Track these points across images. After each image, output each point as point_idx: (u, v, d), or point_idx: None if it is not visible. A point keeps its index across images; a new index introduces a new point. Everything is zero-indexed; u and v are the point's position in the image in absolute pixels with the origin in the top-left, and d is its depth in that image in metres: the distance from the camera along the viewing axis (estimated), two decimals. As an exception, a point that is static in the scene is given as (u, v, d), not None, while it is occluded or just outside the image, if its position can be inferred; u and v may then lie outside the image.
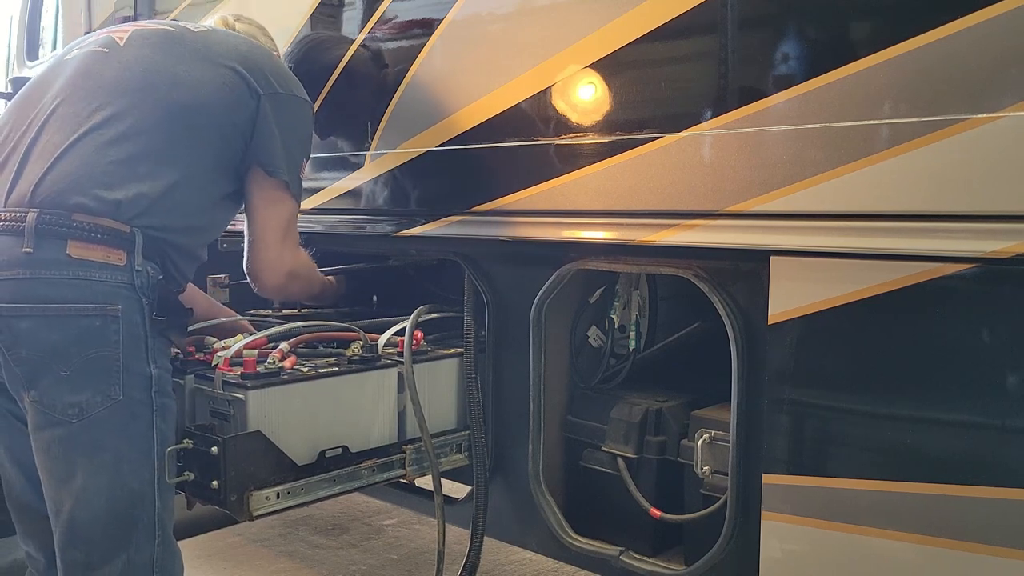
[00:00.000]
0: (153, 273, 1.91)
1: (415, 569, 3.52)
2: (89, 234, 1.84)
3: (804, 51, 1.78)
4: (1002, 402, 1.57)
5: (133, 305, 1.86)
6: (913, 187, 1.59)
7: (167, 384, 1.95)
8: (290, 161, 2.10)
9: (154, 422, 1.88)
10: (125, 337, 1.84)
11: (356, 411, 2.27)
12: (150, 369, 1.88)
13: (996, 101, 1.50)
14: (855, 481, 1.74)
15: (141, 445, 1.87)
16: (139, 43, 2.06)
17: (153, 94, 1.97)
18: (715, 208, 1.86)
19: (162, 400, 1.91)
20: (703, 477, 2.10)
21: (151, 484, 1.88)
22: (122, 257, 1.86)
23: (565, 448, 2.44)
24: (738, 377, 1.95)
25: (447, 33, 2.38)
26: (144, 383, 1.87)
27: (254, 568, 3.57)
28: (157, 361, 1.90)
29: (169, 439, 1.93)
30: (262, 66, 2.11)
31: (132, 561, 1.86)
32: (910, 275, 1.63)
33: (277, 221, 2.12)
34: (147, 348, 1.88)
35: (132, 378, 1.85)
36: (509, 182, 2.24)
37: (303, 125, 2.20)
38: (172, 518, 1.97)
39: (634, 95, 2.03)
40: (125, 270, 1.86)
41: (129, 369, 1.84)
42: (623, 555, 2.24)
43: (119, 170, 1.89)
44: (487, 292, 2.47)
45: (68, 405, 1.80)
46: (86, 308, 1.81)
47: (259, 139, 2.05)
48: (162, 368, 1.92)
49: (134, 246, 1.87)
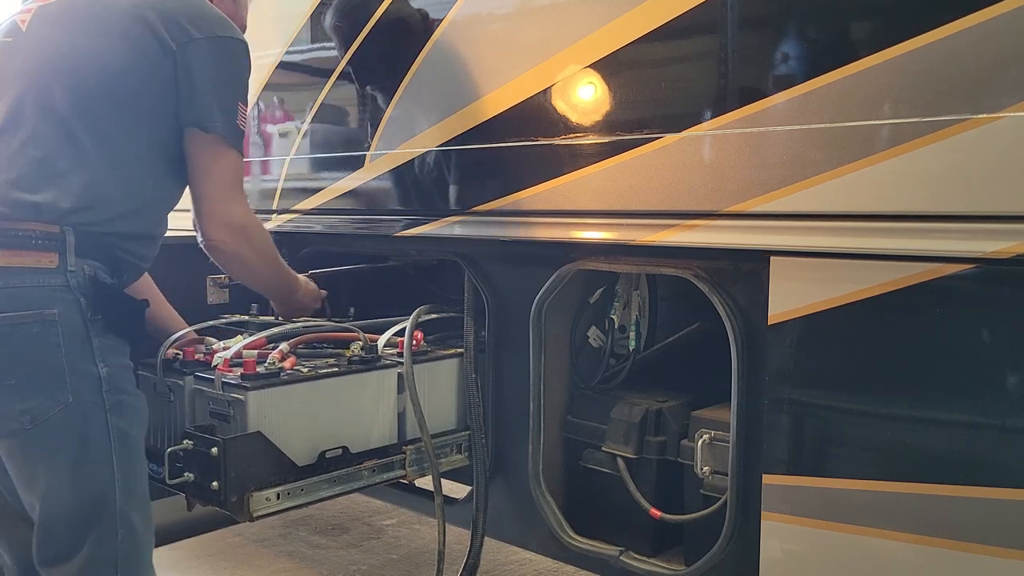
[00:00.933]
0: (91, 271, 1.85)
1: (415, 569, 3.52)
2: (15, 240, 1.79)
3: (804, 51, 1.78)
4: (1002, 402, 1.57)
5: (71, 307, 1.81)
6: (913, 187, 1.59)
7: (123, 381, 1.89)
8: (224, 110, 1.96)
9: (109, 421, 1.84)
10: (66, 340, 1.80)
11: (356, 412, 2.27)
12: (98, 369, 1.83)
13: (996, 101, 1.50)
14: (855, 481, 1.74)
15: (97, 445, 1.83)
16: (40, 23, 1.94)
17: (60, 81, 1.87)
18: (715, 208, 1.85)
19: (117, 398, 1.86)
20: (703, 477, 2.10)
21: (111, 483, 1.84)
22: (54, 259, 1.81)
23: (565, 448, 2.44)
24: (738, 377, 1.95)
25: (447, 33, 2.38)
26: (93, 383, 1.83)
27: (254, 568, 3.56)
28: (106, 359, 1.85)
29: (132, 435, 1.89)
30: (174, 12, 1.93)
31: (92, 558, 1.84)
32: (910, 275, 1.63)
33: (221, 176, 1.99)
34: (92, 348, 1.83)
35: (80, 380, 1.81)
36: (509, 182, 2.24)
37: (232, 66, 2.01)
38: (144, 515, 1.92)
39: (634, 95, 2.03)
40: (58, 272, 1.81)
41: (75, 371, 1.81)
42: (623, 555, 2.24)
43: (38, 170, 1.83)
44: (487, 292, 2.47)
45: (20, 412, 1.78)
46: (21, 316, 1.77)
47: (184, 97, 1.92)
48: (114, 366, 1.86)
49: (65, 246, 1.82)
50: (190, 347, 2.29)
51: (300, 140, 2.90)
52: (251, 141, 3.10)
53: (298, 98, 2.96)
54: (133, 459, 1.89)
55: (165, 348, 2.24)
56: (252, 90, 3.07)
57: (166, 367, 2.24)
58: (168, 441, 2.23)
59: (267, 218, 2.96)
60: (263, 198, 3.03)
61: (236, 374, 2.11)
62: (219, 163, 1.98)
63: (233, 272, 2.20)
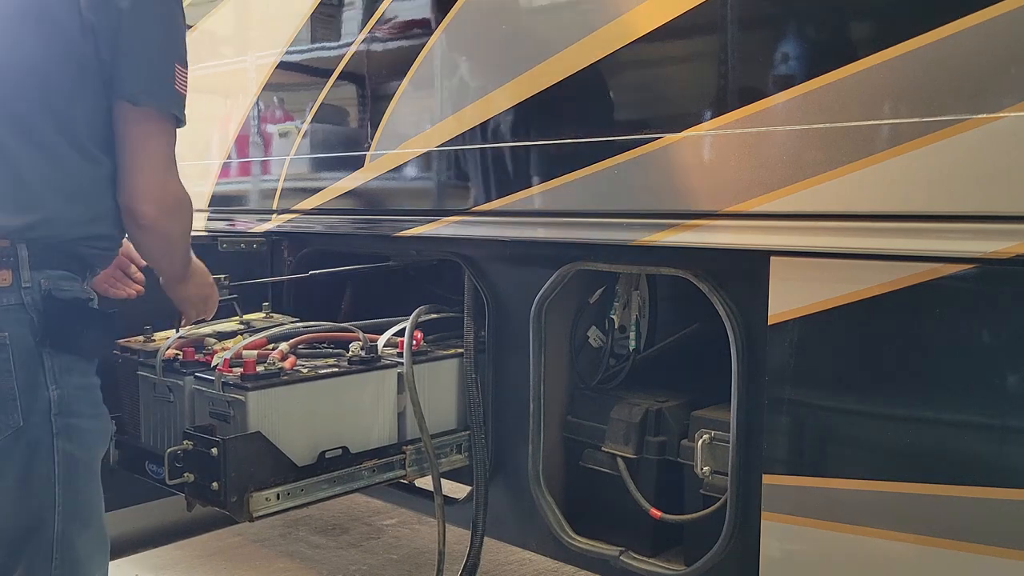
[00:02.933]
0: (48, 284, 1.74)
1: (415, 569, 3.52)
2: None
3: (804, 51, 1.78)
4: (1002, 402, 1.57)
5: (23, 328, 1.71)
6: (913, 187, 1.59)
7: (77, 403, 1.77)
8: (154, 78, 1.79)
9: (56, 445, 1.74)
10: (17, 364, 1.70)
11: (356, 412, 2.27)
12: (49, 392, 1.72)
13: (996, 101, 1.50)
14: (855, 481, 1.74)
15: (40, 472, 1.73)
16: None
17: None
18: (715, 208, 1.85)
19: (67, 421, 1.75)
20: (703, 477, 2.10)
21: (50, 508, 1.74)
22: (7, 277, 1.70)
23: (565, 448, 2.44)
24: (738, 377, 1.95)
25: (446, 34, 2.38)
26: (43, 407, 1.72)
27: (254, 568, 3.56)
28: (59, 381, 1.74)
29: (81, 459, 1.78)
30: None
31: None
32: (910, 275, 1.63)
33: (156, 150, 1.83)
34: (44, 370, 1.73)
35: (31, 403, 1.71)
36: (509, 182, 2.24)
37: (160, 26, 1.81)
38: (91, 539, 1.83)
39: (634, 95, 2.03)
40: (11, 290, 1.70)
41: (27, 393, 1.71)
42: (623, 555, 2.24)
43: None
44: (487, 292, 2.47)
45: None
46: None
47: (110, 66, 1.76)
48: (67, 387, 1.75)
49: (18, 261, 1.71)
50: (190, 347, 2.29)
51: (300, 140, 2.90)
52: (251, 141, 3.10)
53: (298, 98, 2.96)
54: (80, 483, 1.78)
55: (165, 349, 2.24)
56: (252, 90, 3.10)
57: (166, 367, 2.24)
58: (168, 441, 2.23)
59: (267, 218, 2.97)
60: (263, 198, 3.03)
61: (236, 374, 2.11)
62: (153, 137, 1.82)
63: (151, 252, 1.98)
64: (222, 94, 3.26)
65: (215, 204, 3.19)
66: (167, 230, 1.88)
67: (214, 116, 3.27)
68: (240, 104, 3.14)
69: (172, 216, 1.87)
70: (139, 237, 1.89)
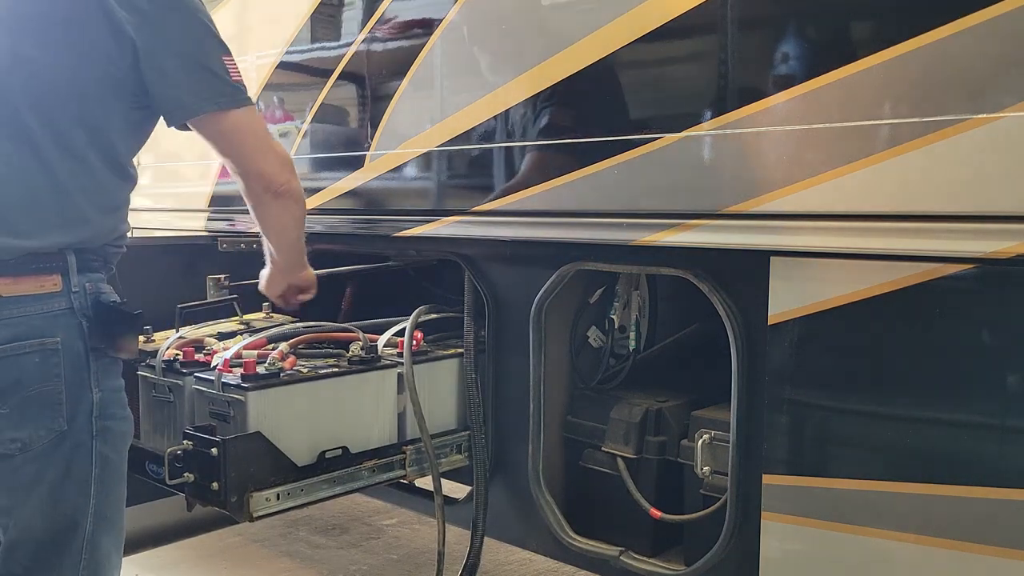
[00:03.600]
0: (93, 288, 1.78)
1: (415, 569, 3.52)
2: (15, 268, 1.69)
3: (804, 51, 1.78)
4: (1002, 402, 1.57)
5: (73, 332, 1.74)
6: (913, 187, 1.59)
7: (113, 405, 1.81)
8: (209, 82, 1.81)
9: (94, 448, 1.77)
10: (67, 369, 1.73)
11: (356, 412, 2.27)
12: (92, 394, 1.76)
13: (996, 101, 1.50)
14: (855, 481, 1.74)
15: (79, 475, 1.77)
16: None
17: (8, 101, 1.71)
18: (715, 208, 1.85)
19: (104, 423, 1.79)
20: (703, 477, 2.10)
21: (85, 511, 1.77)
22: (57, 282, 1.72)
23: (565, 448, 2.44)
24: (738, 377, 1.95)
25: (446, 34, 2.38)
26: (87, 409, 1.76)
27: (254, 568, 3.56)
28: (100, 384, 1.78)
29: (113, 460, 1.81)
30: None
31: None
32: (910, 275, 1.63)
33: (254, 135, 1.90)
34: (90, 373, 1.76)
35: (75, 406, 1.75)
36: (509, 182, 2.24)
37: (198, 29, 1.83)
38: (115, 538, 1.86)
39: (634, 95, 2.03)
40: (62, 295, 1.73)
41: (72, 398, 1.74)
42: (623, 555, 2.24)
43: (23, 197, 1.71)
44: (487, 292, 2.47)
45: (10, 440, 1.71)
46: (22, 346, 1.69)
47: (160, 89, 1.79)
48: (106, 389, 1.79)
49: (67, 266, 1.73)
50: (190, 347, 2.29)
51: (300, 140, 2.90)
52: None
53: (298, 98, 2.96)
54: (112, 484, 1.82)
55: (165, 349, 2.24)
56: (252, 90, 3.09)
57: (166, 367, 2.24)
58: (168, 441, 2.23)
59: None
60: (263, 198, 3.02)
61: (236, 374, 2.11)
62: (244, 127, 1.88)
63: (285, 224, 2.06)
64: (222, 94, 3.25)
65: (215, 204, 3.18)
66: (298, 191, 2.02)
67: (214, 116, 3.26)
68: (240, 104, 3.13)
69: (295, 177, 1.99)
70: (277, 209, 2.00)
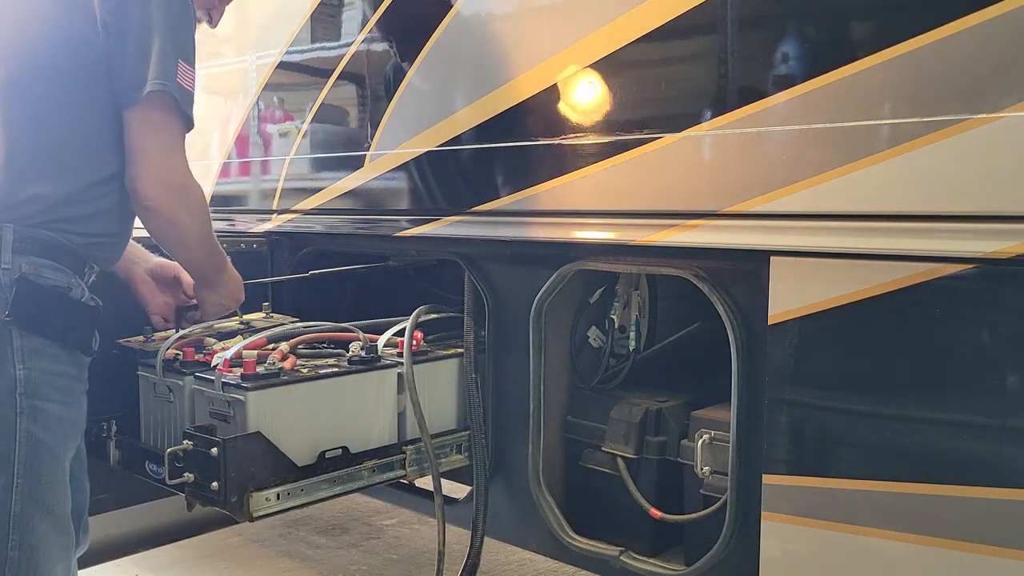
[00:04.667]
0: (31, 269, 1.76)
1: (415, 569, 3.52)
2: None
3: (804, 51, 1.78)
4: (1001, 402, 1.57)
5: None
6: (913, 187, 1.59)
7: (46, 387, 1.79)
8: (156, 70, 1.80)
9: (18, 424, 1.75)
10: None
11: (356, 412, 2.27)
12: (15, 370, 1.74)
13: (996, 101, 1.50)
14: (855, 481, 1.74)
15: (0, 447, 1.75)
16: None
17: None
18: (715, 208, 1.85)
19: (32, 402, 1.76)
20: (703, 477, 2.10)
21: (8, 488, 1.75)
22: None
23: (565, 448, 2.44)
24: (738, 377, 1.95)
25: (446, 34, 2.38)
26: (8, 384, 1.74)
27: (254, 568, 3.56)
28: (27, 362, 1.76)
29: (46, 443, 1.79)
30: None
31: None
32: (910, 275, 1.63)
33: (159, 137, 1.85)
34: (12, 349, 1.75)
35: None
36: (509, 182, 2.24)
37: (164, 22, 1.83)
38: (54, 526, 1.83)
39: (634, 95, 2.03)
40: None
41: None
42: (623, 555, 2.24)
43: None
44: (487, 292, 2.47)
45: None
46: None
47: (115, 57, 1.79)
48: (36, 369, 1.77)
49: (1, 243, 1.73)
50: (190, 347, 2.29)
51: (300, 140, 2.90)
52: (251, 141, 3.10)
53: (298, 98, 2.96)
54: (44, 468, 1.79)
55: (165, 349, 2.24)
56: (252, 90, 3.09)
57: (166, 367, 2.24)
58: (168, 441, 2.23)
59: (267, 218, 2.97)
60: (263, 198, 3.03)
61: (236, 374, 2.10)
62: (156, 125, 1.84)
63: (166, 240, 2.00)
64: (222, 94, 3.26)
65: (215, 204, 3.19)
66: (173, 215, 1.90)
67: (214, 116, 3.27)
68: (240, 104, 3.14)
69: (177, 200, 1.88)
70: (147, 221, 1.92)
